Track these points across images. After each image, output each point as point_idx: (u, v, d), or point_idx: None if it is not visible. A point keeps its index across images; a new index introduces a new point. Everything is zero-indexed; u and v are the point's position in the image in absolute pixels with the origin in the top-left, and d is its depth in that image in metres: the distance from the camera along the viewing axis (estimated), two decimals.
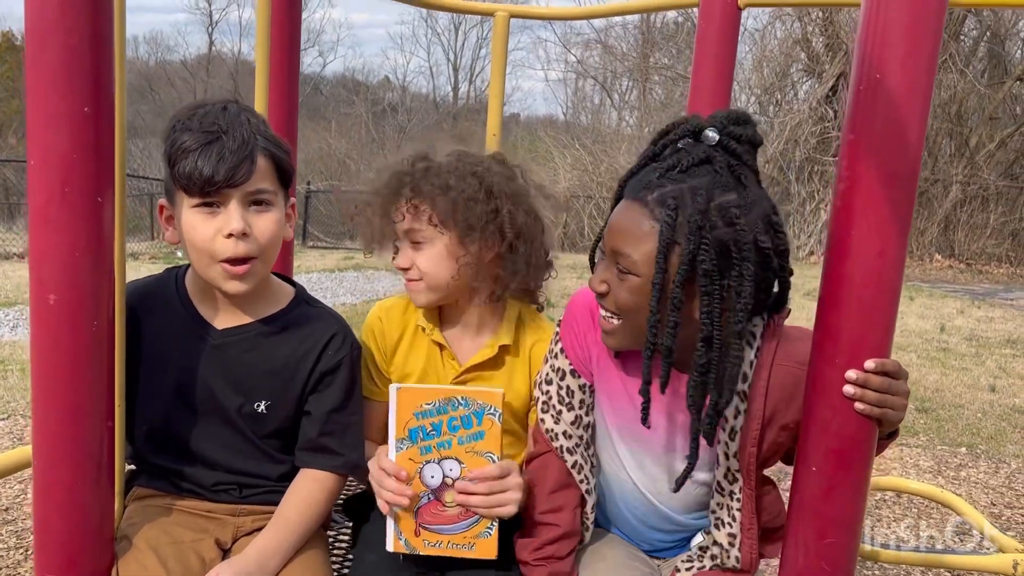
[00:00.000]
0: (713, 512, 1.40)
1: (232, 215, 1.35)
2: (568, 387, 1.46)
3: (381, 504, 1.39)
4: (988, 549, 3.20)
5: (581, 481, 1.46)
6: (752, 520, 1.36)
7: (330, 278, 10.29)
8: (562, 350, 1.48)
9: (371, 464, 1.44)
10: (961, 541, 3.35)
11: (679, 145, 1.27)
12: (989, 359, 6.91)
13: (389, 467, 1.37)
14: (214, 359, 1.46)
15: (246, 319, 1.49)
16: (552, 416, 1.47)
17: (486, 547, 1.39)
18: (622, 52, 21.79)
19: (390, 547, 1.41)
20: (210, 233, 1.36)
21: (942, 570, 2.49)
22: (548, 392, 1.49)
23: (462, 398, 1.33)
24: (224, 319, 1.48)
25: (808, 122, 15.89)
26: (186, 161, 1.32)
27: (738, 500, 1.36)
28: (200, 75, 34.80)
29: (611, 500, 1.53)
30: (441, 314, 1.67)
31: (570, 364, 1.46)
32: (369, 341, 1.66)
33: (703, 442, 1.30)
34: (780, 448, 1.35)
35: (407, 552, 1.41)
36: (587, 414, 1.47)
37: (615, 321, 1.31)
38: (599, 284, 1.30)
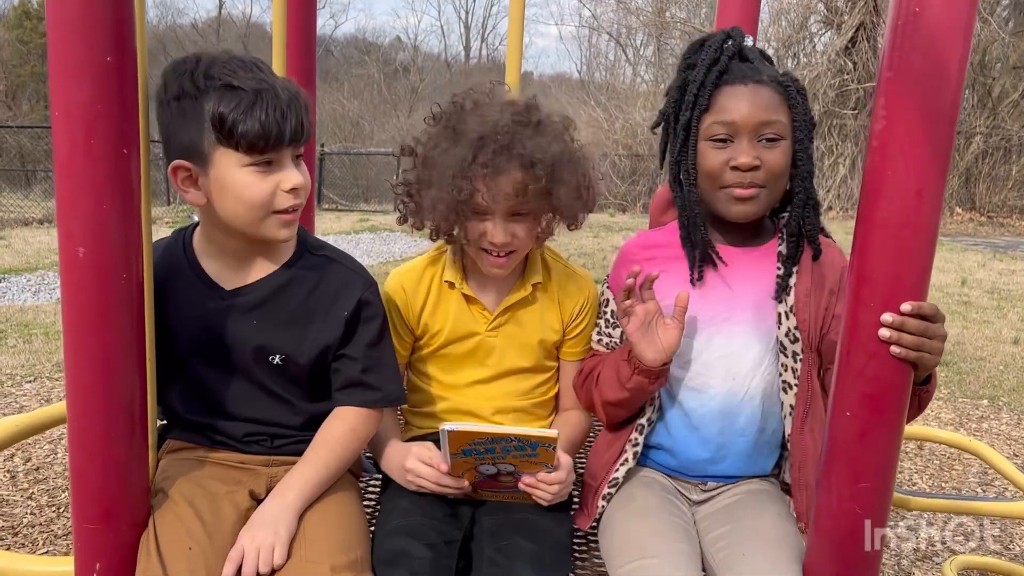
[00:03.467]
0: (780, 376, 1.53)
1: (291, 170, 1.37)
2: (612, 311, 1.65)
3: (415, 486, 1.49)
4: (1014, 496, 3.20)
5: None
6: (808, 381, 1.50)
7: (346, 240, 10.30)
8: (608, 287, 1.68)
9: (405, 460, 1.49)
10: (983, 490, 3.36)
11: (740, 45, 1.52)
12: (1011, 312, 6.86)
13: (443, 471, 1.44)
14: (226, 318, 1.46)
15: (254, 276, 1.48)
16: (603, 344, 1.68)
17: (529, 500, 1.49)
18: (637, 7, 21.44)
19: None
20: (269, 189, 1.35)
21: (965, 517, 2.49)
22: (600, 325, 1.69)
23: (515, 438, 1.34)
24: (232, 278, 1.47)
25: (827, 75, 15.63)
26: (249, 121, 1.29)
27: (800, 361, 1.50)
28: (210, 38, 34.56)
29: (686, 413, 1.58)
30: (466, 266, 1.66)
31: (613, 295, 1.63)
32: (391, 310, 1.64)
33: (763, 310, 1.52)
34: (827, 315, 1.50)
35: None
36: None
37: (759, 189, 1.48)
38: (754, 159, 1.45)
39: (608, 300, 1.66)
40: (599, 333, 1.69)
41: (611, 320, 1.66)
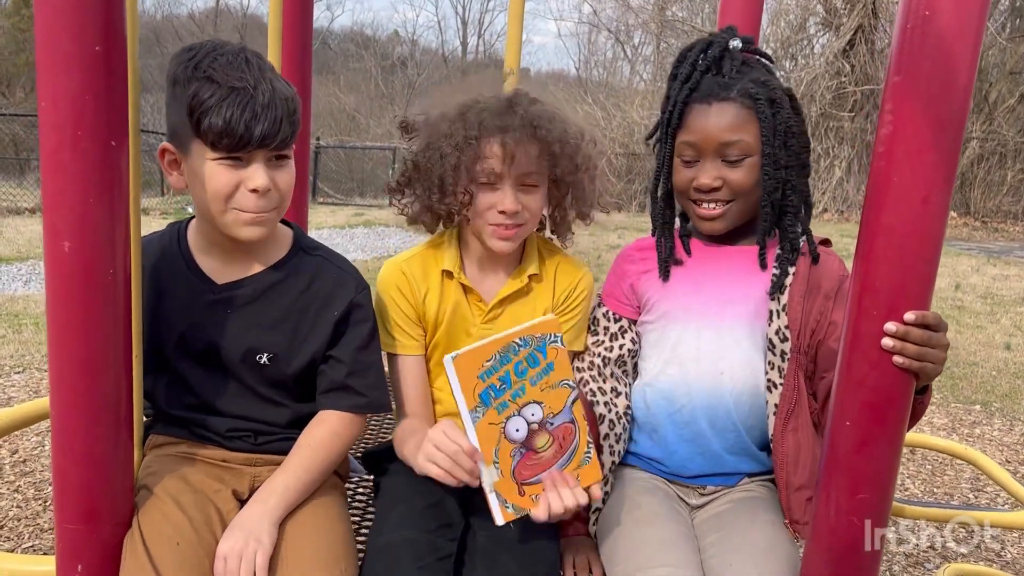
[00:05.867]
0: (766, 374, 1.52)
1: (258, 172, 1.33)
2: (594, 317, 1.68)
3: (447, 479, 1.29)
4: (1005, 505, 3.19)
5: (587, 393, 1.60)
6: (795, 381, 1.48)
7: (340, 234, 10.27)
8: (598, 295, 1.70)
9: (430, 444, 1.31)
10: (975, 496, 3.35)
11: (719, 55, 1.51)
12: (1004, 317, 6.86)
13: (468, 450, 1.27)
14: (216, 314, 1.44)
15: (247, 272, 1.46)
16: (586, 364, 1.65)
17: (590, 473, 1.35)
18: (638, 4, 21.38)
19: (500, 521, 1.30)
20: (232, 183, 1.33)
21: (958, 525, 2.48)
22: (587, 346, 1.67)
23: (520, 339, 1.27)
24: (225, 273, 1.45)
25: (824, 77, 15.61)
26: (215, 117, 1.27)
27: (787, 361, 1.49)
28: (208, 29, 34.41)
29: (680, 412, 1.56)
30: (463, 256, 1.64)
31: (600, 300, 1.68)
32: (395, 295, 1.60)
33: (756, 307, 1.52)
34: (823, 319, 1.49)
35: (518, 518, 1.31)
36: (611, 340, 1.64)
37: (725, 207, 1.52)
38: (714, 180, 1.49)
39: (597, 319, 1.67)
40: (587, 353, 1.65)
41: (601, 339, 1.64)
